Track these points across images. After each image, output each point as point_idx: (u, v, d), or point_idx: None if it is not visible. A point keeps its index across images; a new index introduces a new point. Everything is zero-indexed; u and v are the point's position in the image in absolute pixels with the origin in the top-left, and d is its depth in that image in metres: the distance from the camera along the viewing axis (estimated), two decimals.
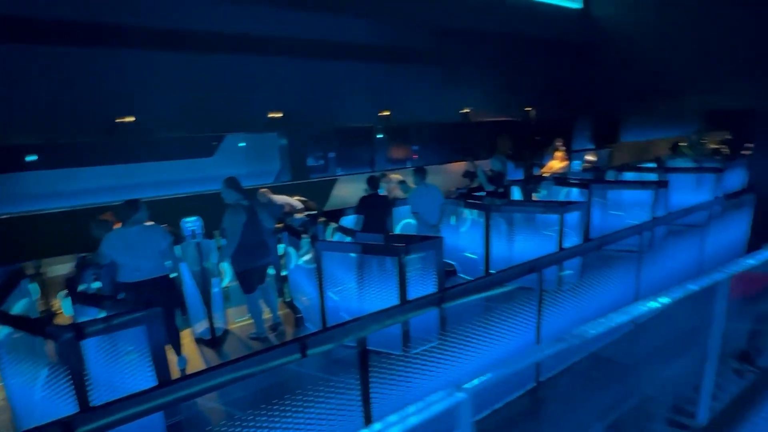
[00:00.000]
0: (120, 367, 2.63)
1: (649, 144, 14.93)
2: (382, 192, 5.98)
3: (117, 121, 6.50)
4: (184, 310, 4.27)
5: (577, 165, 9.66)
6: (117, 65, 6.57)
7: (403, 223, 6.43)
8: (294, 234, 4.74)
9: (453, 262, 5.90)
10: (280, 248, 5.12)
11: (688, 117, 15.12)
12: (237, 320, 4.72)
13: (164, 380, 2.42)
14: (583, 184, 6.51)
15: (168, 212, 5.66)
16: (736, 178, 8.40)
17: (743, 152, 10.72)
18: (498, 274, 3.25)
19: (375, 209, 4.91)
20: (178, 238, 4.23)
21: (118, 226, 3.80)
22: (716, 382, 1.51)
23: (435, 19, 9.12)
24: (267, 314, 4.55)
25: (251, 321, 4.40)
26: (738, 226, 5.64)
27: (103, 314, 2.86)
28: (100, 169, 7.84)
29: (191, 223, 4.09)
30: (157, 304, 3.56)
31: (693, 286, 1.22)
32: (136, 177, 8.15)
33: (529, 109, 11.67)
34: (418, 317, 3.07)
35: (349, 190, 8.54)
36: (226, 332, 4.46)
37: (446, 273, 5.74)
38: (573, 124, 13.35)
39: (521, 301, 3.26)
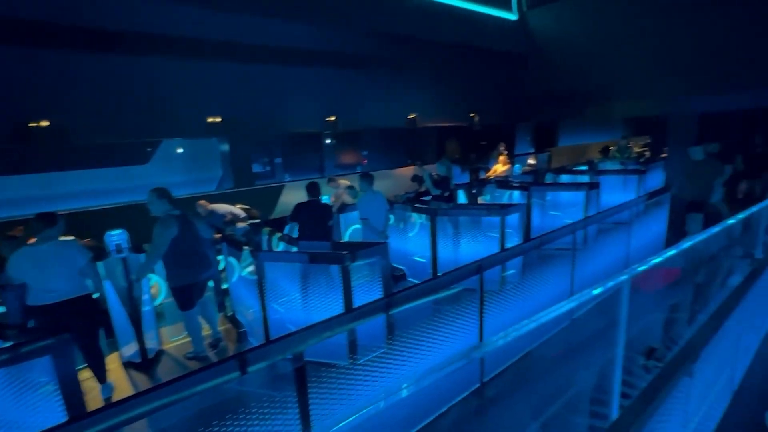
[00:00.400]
0: (23, 404, 2.32)
1: (584, 147, 16.07)
2: (325, 199, 5.88)
3: (30, 125, 5.85)
4: (109, 333, 3.91)
5: (518, 169, 10.13)
6: (29, 65, 5.93)
7: (352, 229, 6.37)
8: (234, 245, 4.50)
9: (402, 267, 5.92)
10: (220, 260, 4.85)
11: (616, 123, 16.48)
12: (172, 339, 4.39)
13: (76, 414, 2.16)
14: (523, 187, 6.81)
15: (94, 225, 5.19)
16: (656, 179, 9.24)
17: (661, 155, 11.86)
18: (442, 277, 3.27)
19: (311, 217, 4.76)
20: (101, 253, 3.87)
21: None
22: (627, 380, 1.60)
23: (380, 26, 9.21)
24: (206, 330, 4.28)
25: (189, 339, 4.10)
26: (658, 222, 6.18)
27: (8, 344, 2.52)
28: (9, 180, 7.04)
29: (116, 236, 3.74)
30: (77, 327, 3.25)
31: (597, 290, 1.26)
32: (56, 187, 7.41)
33: (473, 114, 12.10)
34: (365, 324, 3.01)
35: (297, 196, 8.34)
36: (159, 353, 4.13)
37: (395, 278, 5.76)
38: (515, 129, 14.03)
39: (466, 303, 3.31)
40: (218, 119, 7.63)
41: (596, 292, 1.26)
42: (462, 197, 7.34)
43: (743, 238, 3.50)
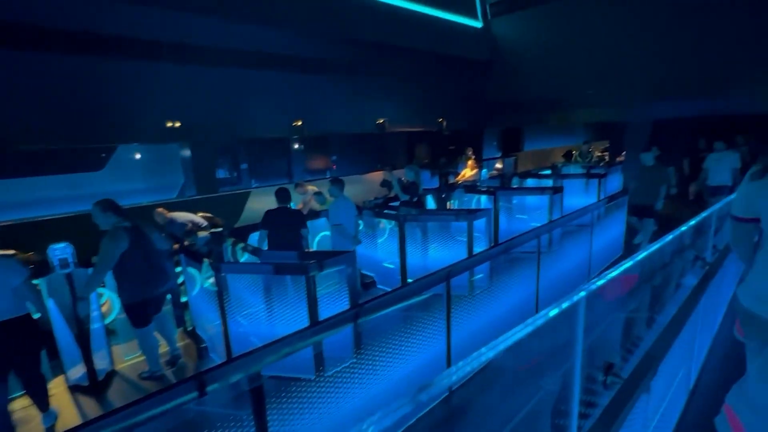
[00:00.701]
0: None
1: (548, 152, 16.62)
2: (293, 206, 5.73)
3: None
4: (53, 354, 3.60)
5: (485, 173, 10.31)
6: None
7: (321, 236, 6.25)
8: (192, 256, 4.27)
9: (371, 274, 5.85)
10: (179, 272, 4.61)
11: (578, 128, 17.16)
12: (126, 358, 4.11)
13: None
14: (490, 192, 6.91)
15: (38, 237, 4.82)
16: (615, 182, 9.63)
17: (618, 159, 12.43)
18: (411, 284, 3.22)
19: (281, 224, 4.61)
20: (44, 268, 3.57)
21: None
22: (586, 399, 1.60)
23: (347, 32, 9.15)
24: (164, 347, 4.04)
25: (144, 357, 3.85)
26: (617, 224, 6.42)
27: None
28: None
29: (60, 250, 3.46)
30: (15, 351, 2.97)
31: (553, 312, 1.25)
32: None
33: (441, 120, 12.25)
34: (332, 336, 2.92)
35: (264, 203, 8.13)
36: (111, 374, 3.85)
37: (365, 285, 5.68)
38: (482, 134, 14.32)
39: (436, 309, 3.28)
40: (177, 124, 7.32)
41: (553, 313, 1.24)
42: (431, 202, 7.36)
43: (695, 242, 3.67)
